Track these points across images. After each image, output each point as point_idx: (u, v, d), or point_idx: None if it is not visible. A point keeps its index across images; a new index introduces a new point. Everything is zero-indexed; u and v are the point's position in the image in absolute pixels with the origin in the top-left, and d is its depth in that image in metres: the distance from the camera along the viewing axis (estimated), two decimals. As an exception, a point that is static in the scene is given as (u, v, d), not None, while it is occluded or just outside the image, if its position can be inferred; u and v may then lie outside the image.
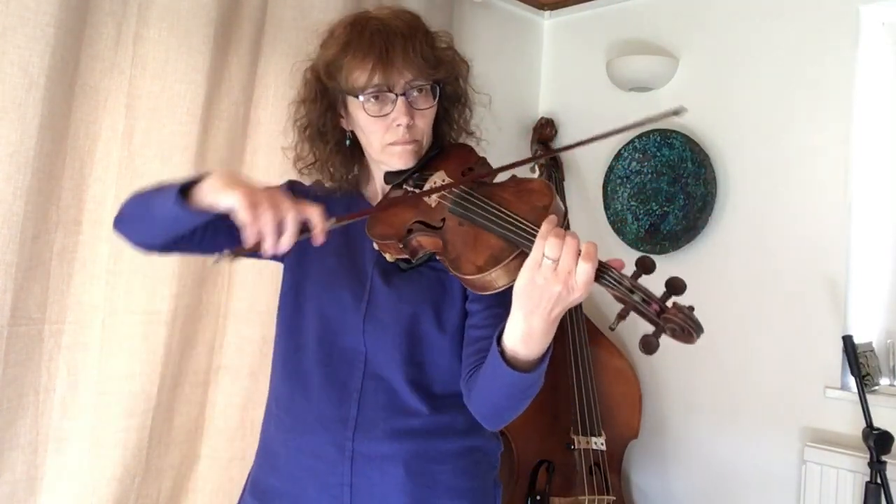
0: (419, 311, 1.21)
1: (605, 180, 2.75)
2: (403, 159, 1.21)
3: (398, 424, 1.20)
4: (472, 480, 1.25)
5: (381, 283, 1.23)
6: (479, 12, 2.72)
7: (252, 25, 2.02)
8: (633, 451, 2.63)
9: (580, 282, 0.96)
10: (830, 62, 2.30)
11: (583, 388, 2.38)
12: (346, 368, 1.22)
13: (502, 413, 1.15)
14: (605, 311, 2.74)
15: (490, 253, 1.04)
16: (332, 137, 1.27)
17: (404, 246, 1.16)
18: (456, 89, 1.29)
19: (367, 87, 1.17)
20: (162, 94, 1.83)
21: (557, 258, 0.96)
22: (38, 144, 1.64)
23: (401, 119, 1.18)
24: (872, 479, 1.94)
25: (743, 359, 2.43)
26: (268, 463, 1.29)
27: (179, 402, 1.96)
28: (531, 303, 0.98)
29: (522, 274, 0.98)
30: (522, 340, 1.01)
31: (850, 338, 2.05)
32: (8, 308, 1.64)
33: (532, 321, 0.99)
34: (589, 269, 0.96)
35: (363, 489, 1.19)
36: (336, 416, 1.21)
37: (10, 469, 1.71)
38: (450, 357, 1.22)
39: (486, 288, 1.06)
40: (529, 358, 1.03)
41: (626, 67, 2.63)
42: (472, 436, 1.25)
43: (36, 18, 1.61)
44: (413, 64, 1.18)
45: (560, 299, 0.97)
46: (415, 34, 1.20)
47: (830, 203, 2.27)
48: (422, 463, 1.20)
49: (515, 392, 1.08)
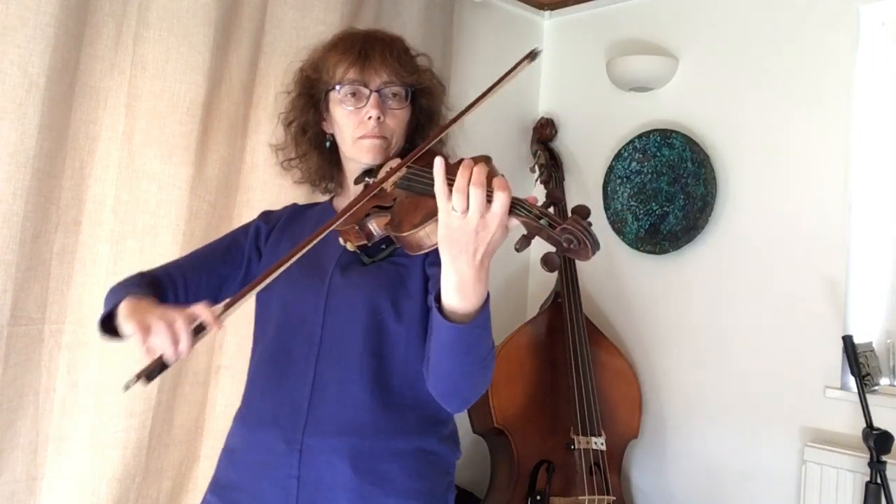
0: (378, 302, 1.25)
1: (605, 180, 2.75)
2: (372, 153, 1.30)
3: (348, 419, 1.23)
4: (421, 483, 1.26)
5: (340, 278, 1.29)
6: (479, 12, 2.72)
7: (252, 25, 2.02)
8: (633, 451, 2.63)
9: (493, 214, 0.99)
10: (830, 62, 2.30)
11: (583, 388, 2.38)
12: (301, 362, 1.27)
13: (458, 385, 1.16)
14: (606, 310, 2.74)
15: (426, 212, 1.10)
16: (314, 135, 1.41)
17: (360, 229, 1.23)
18: (431, 104, 1.41)
19: (344, 80, 1.30)
20: (162, 94, 1.83)
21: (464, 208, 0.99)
22: (38, 144, 1.64)
23: (371, 111, 1.28)
24: (872, 479, 1.94)
25: (743, 359, 2.43)
26: (227, 458, 1.35)
27: (179, 402, 1.96)
28: (454, 248, 1.01)
29: (440, 222, 1.01)
30: (456, 291, 1.03)
31: (850, 338, 2.05)
32: (8, 308, 1.64)
33: (460, 267, 1.01)
34: (503, 198, 0.98)
35: (310, 482, 1.22)
36: (288, 410, 1.25)
37: (10, 469, 1.71)
38: (406, 348, 1.25)
39: (421, 245, 1.12)
40: (467, 311, 1.05)
41: (626, 67, 2.63)
42: (424, 437, 1.28)
43: (36, 18, 1.61)
44: (388, 66, 1.30)
45: (480, 238, 0.99)
46: (394, 44, 1.34)
47: (830, 203, 2.27)
48: (369, 460, 1.22)
49: (459, 351, 1.09)
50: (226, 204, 2.00)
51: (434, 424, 1.30)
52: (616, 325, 2.72)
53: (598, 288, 2.76)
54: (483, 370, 1.14)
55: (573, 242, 0.98)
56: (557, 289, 2.55)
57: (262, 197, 2.01)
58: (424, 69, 1.39)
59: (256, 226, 1.44)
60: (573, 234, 0.98)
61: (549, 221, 1.00)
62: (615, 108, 2.78)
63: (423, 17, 2.40)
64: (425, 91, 1.38)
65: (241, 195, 2.04)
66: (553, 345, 2.46)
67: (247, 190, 2.04)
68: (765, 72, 2.43)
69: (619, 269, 2.71)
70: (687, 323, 2.57)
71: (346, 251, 1.29)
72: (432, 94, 1.40)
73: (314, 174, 1.45)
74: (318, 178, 1.46)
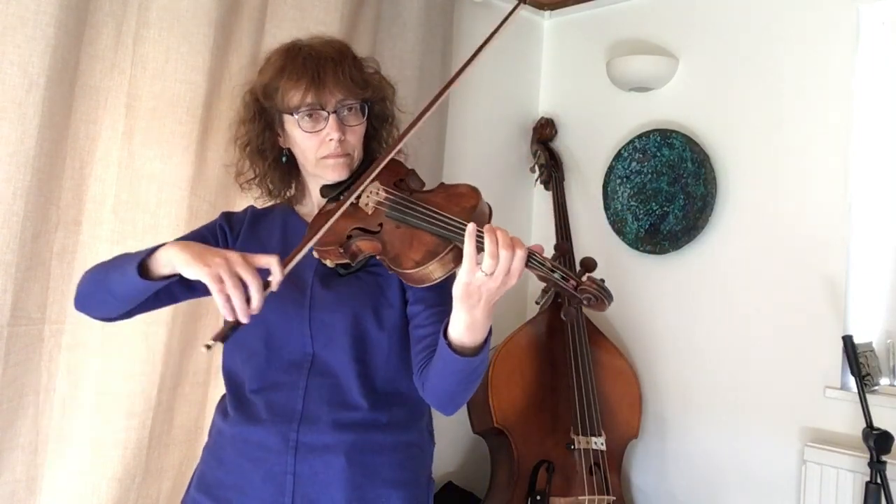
0: (359, 312, 1.31)
1: (605, 180, 2.75)
2: (337, 171, 1.33)
3: (341, 417, 1.29)
4: (408, 473, 1.35)
5: (321, 289, 1.33)
6: (479, 12, 2.71)
7: (252, 25, 2.02)
8: (633, 451, 2.63)
9: (513, 272, 1.09)
10: (830, 62, 2.30)
11: (583, 388, 2.38)
12: (295, 369, 1.32)
13: (456, 398, 1.26)
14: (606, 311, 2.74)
15: (426, 249, 1.17)
16: (271, 154, 1.41)
17: (344, 251, 1.28)
18: (384, 109, 1.43)
19: (301, 105, 1.30)
20: (162, 94, 1.83)
21: (493, 272, 1.07)
22: (38, 144, 1.64)
23: (333, 134, 1.30)
24: (872, 479, 1.95)
25: (743, 359, 2.43)
26: (214, 458, 1.37)
27: (179, 402, 1.96)
28: (471, 300, 1.10)
29: (459, 281, 1.09)
30: (467, 330, 1.13)
31: (850, 338, 2.05)
32: (8, 308, 1.64)
33: (474, 313, 1.12)
34: (522, 257, 1.09)
35: (306, 477, 1.28)
36: (282, 410, 1.30)
37: (10, 469, 1.71)
38: (388, 353, 1.33)
39: (423, 280, 1.19)
40: (474, 344, 1.15)
41: (626, 67, 2.63)
42: (409, 431, 1.37)
43: (36, 18, 1.61)
44: (342, 85, 1.31)
45: (497, 291, 1.10)
46: (343, 59, 1.34)
47: (830, 203, 2.27)
48: (362, 454, 1.30)
49: (465, 376, 1.19)
50: (226, 204, 2.00)
51: (417, 418, 1.39)
52: (616, 325, 2.72)
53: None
54: (477, 383, 1.24)
55: (591, 299, 1.11)
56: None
57: (262, 197, 2.01)
58: (373, 73, 1.41)
59: (220, 225, 1.46)
60: (590, 293, 1.11)
61: (562, 275, 1.11)
62: (615, 108, 2.78)
63: (423, 17, 2.40)
64: (379, 100, 1.41)
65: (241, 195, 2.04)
66: (553, 345, 2.46)
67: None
68: (765, 72, 2.43)
69: (619, 270, 2.71)
70: (687, 323, 2.57)
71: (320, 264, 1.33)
72: (385, 100, 1.43)
73: (275, 189, 1.46)
74: (278, 192, 1.47)
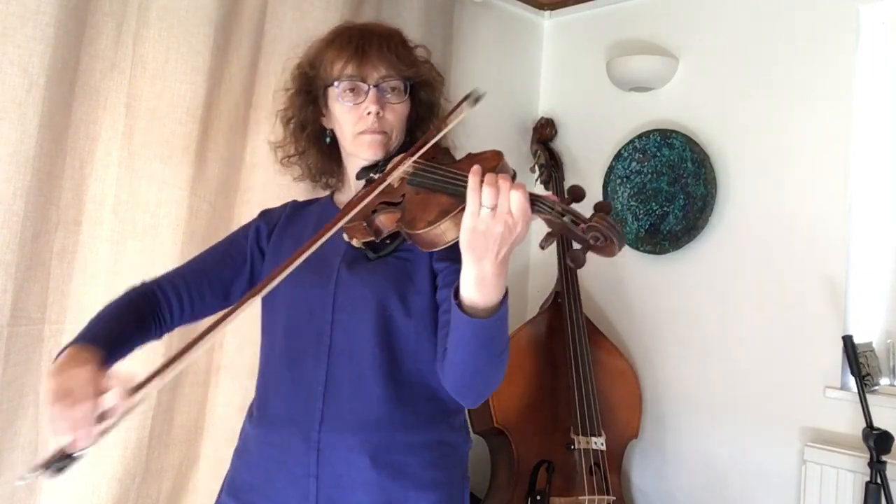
0: (386, 298, 1.24)
1: (605, 180, 2.75)
2: (373, 149, 1.29)
3: (364, 414, 1.23)
4: (440, 473, 1.27)
5: (347, 274, 1.28)
6: (479, 12, 2.72)
7: (252, 25, 2.02)
8: (633, 451, 2.63)
9: (516, 213, 1.00)
10: (830, 62, 2.30)
11: (583, 388, 2.38)
12: (312, 362, 1.26)
13: (474, 376, 1.16)
14: (606, 310, 2.74)
15: (440, 208, 1.10)
16: (313, 132, 1.39)
17: (368, 225, 1.22)
18: (430, 97, 1.39)
19: (342, 76, 1.28)
20: (162, 94, 1.83)
21: (494, 205, 0.99)
22: (38, 144, 1.64)
23: (371, 107, 1.27)
24: (872, 479, 1.95)
25: (743, 359, 2.43)
26: (241, 460, 1.34)
27: (179, 402, 1.96)
28: (478, 249, 1.01)
29: (464, 225, 1.01)
30: (476, 285, 1.04)
31: (850, 338, 2.05)
32: (8, 308, 1.64)
33: (483, 266, 1.02)
34: (520, 197, 0.99)
35: (329, 480, 1.22)
36: (303, 409, 1.25)
37: (10, 469, 1.71)
38: (416, 342, 1.25)
39: (435, 242, 1.11)
40: (487, 305, 1.05)
41: (626, 67, 2.63)
42: (438, 428, 1.29)
43: (36, 18, 1.61)
44: (386, 60, 1.28)
45: (504, 239, 1.01)
46: (391, 37, 1.32)
47: (830, 203, 2.27)
48: (388, 454, 1.22)
49: (478, 345, 1.09)
50: (226, 204, 2.00)
51: (447, 415, 1.30)
52: (616, 325, 2.72)
53: (598, 288, 2.76)
54: (499, 365, 1.15)
55: (599, 239, 0.98)
56: (557, 289, 2.54)
57: (262, 197, 2.01)
58: (423, 61, 1.37)
59: (256, 226, 1.43)
60: (599, 230, 0.97)
61: (572, 219, 1.01)
62: (615, 108, 2.78)
63: (423, 17, 2.40)
64: (424, 83, 1.37)
65: (241, 195, 2.04)
66: (553, 345, 2.46)
67: (247, 190, 2.04)
68: (765, 72, 2.43)
69: (619, 269, 2.71)
70: (687, 323, 2.57)
71: (350, 247, 1.27)
72: (432, 87, 1.39)
73: (314, 170, 1.44)
74: (317, 174, 1.45)
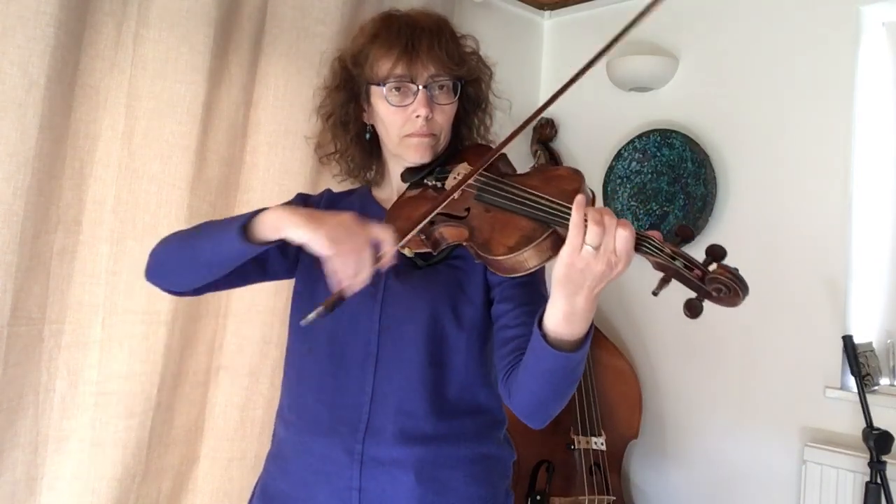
0: (437, 309, 1.19)
1: (605, 180, 2.74)
2: (420, 152, 1.22)
3: (408, 429, 1.18)
4: (485, 488, 1.23)
5: (396, 282, 1.21)
6: (479, 12, 2.71)
7: (252, 25, 2.02)
8: (633, 451, 2.63)
9: (620, 253, 0.94)
10: (830, 62, 2.30)
11: (583, 388, 2.38)
12: (358, 371, 1.20)
13: (548, 405, 1.11)
14: (606, 310, 2.74)
15: (521, 234, 1.02)
16: (353, 128, 1.30)
17: (427, 238, 1.15)
18: (478, 92, 1.31)
19: (390, 76, 1.19)
20: (162, 94, 1.83)
21: (599, 245, 0.93)
22: (38, 144, 1.64)
23: (420, 110, 1.19)
24: (872, 479, 1.95)
25: (743, 359, 2.42)
26: (277, 468, 1.27)
27: (179, 402, 1.96)
28: (574, 285, 0.96)
29: (561, 261, 0.95)
30: (565, 319, 0.98)
31: (850, 338, 2.06)
32: (8, 308, 1.64)
33: (575, 301, 0.97)
34: (628, 237, 0.94)
35: (373, 494, 1.17)
36: (346, 419, 1.19)
37: (10, 469, 1.71)
38: (466, 356, 1.20)
39: (515, 269, 1.04)
40: (572, 338, 1.00)
41: (626, 67, 2.63)
42: (483, 442, 1.24)
43: (36, 18, 1.61)
44: (437, 59, 1.19)
45: (603, 276, 0.95)
46: (441, 32, 1.22)
47: (830, 203, 2.27)
48: (432, 469, 1.18)
49: (560, 377, 1.05)
50: (226, 204, 2.00)
51: (491, 429, 1.27)
52: (616, 325, 2.72)
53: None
54: (573, 391, 1.10)
55: (722, 291, 0.92)
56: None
57: (262, 197, 2.01)
58: (471, 52, 1.29)
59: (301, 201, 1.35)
60: (722, 282, 0.91)
61: (684, 263, 0.94)
62: (615, 108, 2.78)
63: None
64: (473, 80, 1.29)
65: (241, 195, 2.04)
66: (553, 345, 2.46)
67: (247, 190, 2.04)
68: (765, 72, 2.43)
69: (619, 269, 2.71)
70: (687, 323, 2.55)
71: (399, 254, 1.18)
72: (480, 82, 1.31)
73: (355, 168, 1.35)
74: (358, 170, 1.35)
